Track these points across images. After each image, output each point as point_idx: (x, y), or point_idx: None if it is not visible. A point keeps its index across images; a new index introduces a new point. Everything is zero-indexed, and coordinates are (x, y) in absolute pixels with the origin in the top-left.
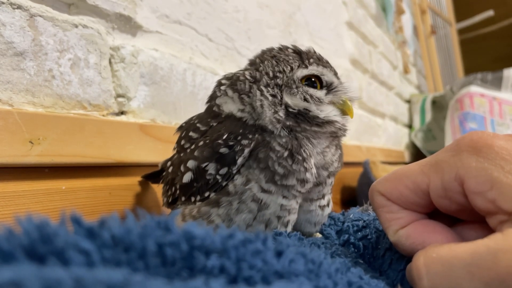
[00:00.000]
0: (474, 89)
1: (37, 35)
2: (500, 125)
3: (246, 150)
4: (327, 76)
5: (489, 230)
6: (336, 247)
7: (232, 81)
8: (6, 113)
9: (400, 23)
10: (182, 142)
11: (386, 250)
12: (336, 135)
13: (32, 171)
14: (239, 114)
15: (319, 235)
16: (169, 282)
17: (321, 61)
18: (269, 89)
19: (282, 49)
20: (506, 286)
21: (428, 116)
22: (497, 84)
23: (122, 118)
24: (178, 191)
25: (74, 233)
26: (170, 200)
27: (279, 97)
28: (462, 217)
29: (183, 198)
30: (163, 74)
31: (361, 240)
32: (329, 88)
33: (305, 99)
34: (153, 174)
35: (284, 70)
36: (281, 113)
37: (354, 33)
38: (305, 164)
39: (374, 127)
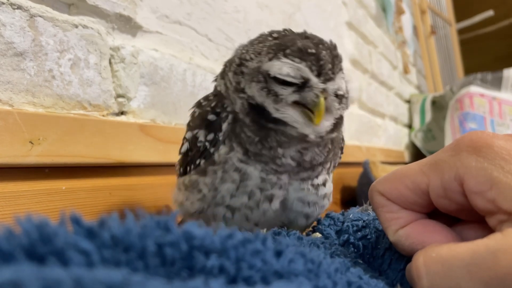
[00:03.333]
0: (474, 89)
1: (37, 35)
2: (500, 125)
3: (230, 116)
4: (303, 72)
5: (488, 230)
6: (335, 247)
7: (222, 70)
8: (6, 113)
9: (400, 23)
10: (190, 118)
11: (386, 250)
12: (306, 141)
13: (32, 171)
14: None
15: (318, 235)
16: (168, 282)
17: (302, 52)
18: (235, 76)
19: (267, 35)
20: (506, 286)
21: (428, 116)
22: (497, 84)
23: (122, 118)
24: (179, 166)
25: (74, 233)
26: (179, 173)
27: (242, 85)
28: (462, 217)
29: (181, 170)
30: (163, 74)
31: (360, 240)
32: (303, 85)
33: (265, 94)
34: None
35: (251, 59)
36: (245, 102)
37: (354, 33)
38: (273, 152)
39: (374, 127)
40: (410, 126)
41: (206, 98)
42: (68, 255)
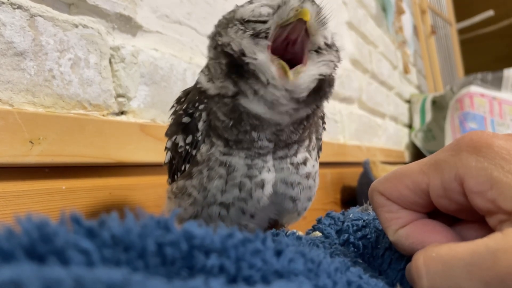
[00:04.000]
0: (474, 89)
1: (38, 35)
2: (500, 125)
3: (204, 114)
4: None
5: (488, 230)
6: (335, 247)
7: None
8: (6, 113)
9: (400, 23)
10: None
11: (386, 250)
12: (297, 100)
13: (32, 171)
14: (205, 85)
15: (318, 233)
16: (168, 282)
17: None
18: (212, 40)
19: None
20: (506, 286)
21: (428, 116)
22: (497, 84)
23: (122, 118)
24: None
25: (74, 233)
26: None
27: (220, 43)
28: (462, 216)
29: (169, 180)
30: (163, 74)
31: (360, 240)
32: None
33: (241, 34)
34: None
35: (226, 16)
36: (222, 60)
37: (354, 33)
38: (248, 136)
39: (374, 127)
40: (410, 126)
41: (178, 100)
42: (68, 254)
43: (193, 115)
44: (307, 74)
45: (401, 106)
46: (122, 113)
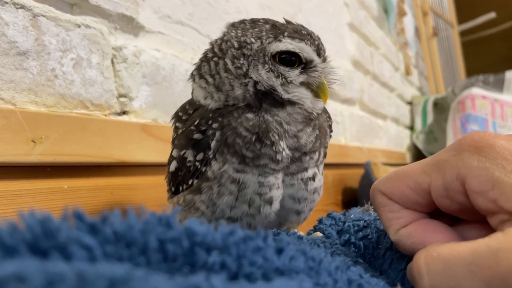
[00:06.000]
0: (476, 91)
1: (40, 34)
2: (502, 127)
3: (218, 133)
4: (306, 53)
5: (490, 230)
6: (336, 247)
7: (197, 66)
8: (9, 112)
9: (402, 24)
10: (173, 132)
11: (387, 250)
12: (310, 118)
13: (34, 170)
14: (203, 102)
15: (319, 234)
16: (170, 278)
17: (298, 33)
18: (235, 61)
19: (255, 21)
20: (507, 285)
21: (430, 118)
22: (499, 86)
23: (124, 118)
24: (170, 184)
25: (77, 229)
26: (170, 192)
27: (244, 69)
28: (463, 216)
29: (173, 189)
30: (165, 74)
31: (361, 240)
32: (307, 66)
33: (273, 77)
34: None
35: (252, 42)
36: (250, 88)
37: (355, 34)
38: (274, 148)
39: (375, 129)
40: (411, 128)
41: (184, 110)
42: (70, 250)
43: (205, 132)
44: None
45: (403, 108)
46: (124, 113)
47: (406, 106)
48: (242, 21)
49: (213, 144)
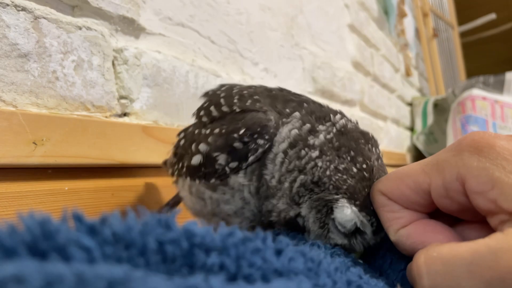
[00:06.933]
0: (476, 92)
1: (41, 37)
2: (502, 128)
3: (260, 150)
4: (365, 227)
5: (490, 230)
6: (336, 247)
7: (296, 137)
8: (10, 114)
9: (402, 26)
10: (202, 113)
11: (387, 250)
12: None
13: (36, 172)
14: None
15: None
16: (169, 279)
17: (369, 209)
18: (301, 189)
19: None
20: (507, 285)
21: (430, 119)
22: (499, 87)
23: (125, 119)
24: (184, 169)
25: (76, 230)
26: (176, 173)
27: (300, 200)
28: (463, 217)
29: (188, 179)
30: (166, 76)
31: None
32: (356, 232)
33: (317, 226)
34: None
35: (329, 189)
36: (291, 212)
37: (356, 35)
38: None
39: (375, 130)
40: (412, 129)
41: (230, 105)
42: (69, 251)
43: (247, 144)
44: None
45: (403, 109)
46: (124, 114)
47: (407, 107)
48: (339, 147)
49: (251, 158)
